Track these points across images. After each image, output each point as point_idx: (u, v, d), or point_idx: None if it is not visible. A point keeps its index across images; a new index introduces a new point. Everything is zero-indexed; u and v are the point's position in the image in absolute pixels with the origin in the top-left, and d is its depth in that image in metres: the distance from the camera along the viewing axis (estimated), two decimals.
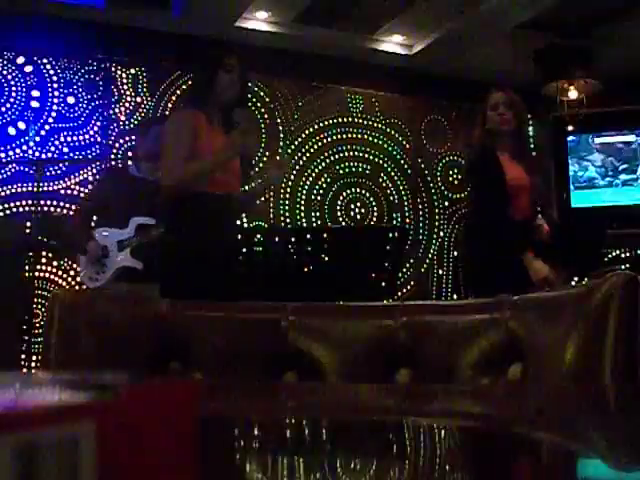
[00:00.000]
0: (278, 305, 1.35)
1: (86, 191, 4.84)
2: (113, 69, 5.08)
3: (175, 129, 2.71)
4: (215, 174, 2.58)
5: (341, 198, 5.72)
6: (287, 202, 5.47)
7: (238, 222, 2.84)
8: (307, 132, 5.66)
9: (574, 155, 5.95)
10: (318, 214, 5.61)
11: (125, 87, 5.10)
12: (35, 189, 3.52)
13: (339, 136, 5.77)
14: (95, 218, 3.70)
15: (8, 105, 4.75)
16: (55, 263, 4.72)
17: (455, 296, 5.95)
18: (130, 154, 4.86)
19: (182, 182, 2.63)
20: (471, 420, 0.77)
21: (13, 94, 4.78)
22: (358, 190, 5.79)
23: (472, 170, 3.41)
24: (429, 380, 1.20)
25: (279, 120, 5.53)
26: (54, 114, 4.86)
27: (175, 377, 1.25)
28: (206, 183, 2.56)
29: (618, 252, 5.85)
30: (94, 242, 3.62)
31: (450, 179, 6.15)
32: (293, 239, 1.89)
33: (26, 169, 4.44)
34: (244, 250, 2.00)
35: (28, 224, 4.37)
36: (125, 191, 3.64)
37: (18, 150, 4.73)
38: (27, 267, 3.92)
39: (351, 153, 5.81)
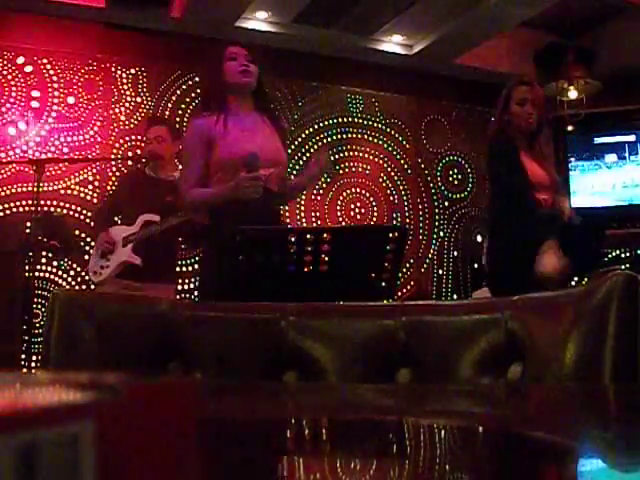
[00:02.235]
0: (278, 305, 1.35)
1: (86, 191, 4.86)
2: (113, 69, 5.08)
3: (189, 143, 2.62)
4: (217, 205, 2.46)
5: (341, 198, 5.72)
6: None
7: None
8: (307, 132, 5.66)
9: (574, 155, 5.95)
10: (318, 214, 5.61)
11: (125, 87, 5.10)
12: (35, 189, 3.52)
13: (339, 136, 5.77)
14: (118, 214, 3.76)
15: (8, 105, 4.75)
16: (55, 263, 4.72)
17: (455, 296, 5.95)
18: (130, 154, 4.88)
19: (187, 210, 2.79)
20: (471, 420, 0.77)
21: (13, 94, 4.78)
22: (358, 190, 5.79)
23: (496, 155, 3.12)
24: (429, 380, 1.20)
25: None
26: (54, 114, 4.86)
27: (175, 377, 1.25)
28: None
29: (618, 252, 5.85)
30: (104, 234, 3.65)
31: (450, 179, 6.15)
32: (293, 239, 1.89)
33: (26, 169, 4.44)
34: (244, 250, 2.00)
35: (28, 224, 4.36)
36: (139, 191, 3.68)
37: (18, 150, 4.73)
38: (27, 267, 3.92)
39: (351, 153, 5.81)
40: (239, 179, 2.34)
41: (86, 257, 4.55)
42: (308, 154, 5.64)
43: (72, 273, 4.75)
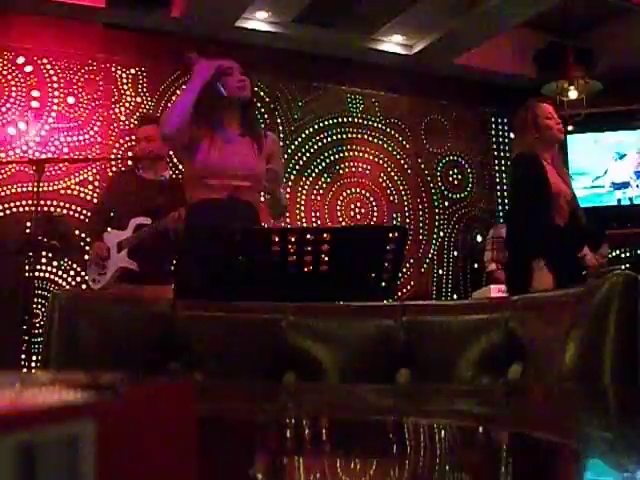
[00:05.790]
0: (278, 305, 1.35)
1: (86, 191, 4.86)
2: (113, 69, 5.08)
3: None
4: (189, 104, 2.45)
5: (341, 198, 5.72)
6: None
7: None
8: (307, 132, 5.66)
9: (574, 155, 5.95)
10: (318, 214, 5.61)
11: (125, 87, 5.10)
12: (35, 189, 3.52)
13: (339, 136, 5.77)
14: (111, 215, 3.73)
15: (8, 105, 4.75)
16: (55, 263, 4.72)
17: (455, 296, 5.95)
18: (130, 154, 4.88)
19: (166, 130, 2.53)
20: (471, 420, 0.77)
21: (13, 94, 4.77)
22: (358, 190, 5.79)
23: (523, 180, 3.24)
24: (429, 380, 1.20)
25: (279, 120, 5.53)
26: (54, 114, 4.86)
27: (175, 377, 1.25)
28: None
29: (618, 252, 5.85)
30: (99, 243, 3.65)
31: (450, 179, 6.15)
32: (293, 239, 1.89)
33: (26, 169, 4.44)
34: (244, 250, 2.00)
35: (28, 224, 4.37)
36: (130, 192, 3.66)
37: (18, 150, 4.73)
38: (27, 267, 3.92)
39: (351, 153, 5.81)
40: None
41: (86, 257, 4.55)
42: (308, 154, 5.64)
43: (72, 273, 4.75)
